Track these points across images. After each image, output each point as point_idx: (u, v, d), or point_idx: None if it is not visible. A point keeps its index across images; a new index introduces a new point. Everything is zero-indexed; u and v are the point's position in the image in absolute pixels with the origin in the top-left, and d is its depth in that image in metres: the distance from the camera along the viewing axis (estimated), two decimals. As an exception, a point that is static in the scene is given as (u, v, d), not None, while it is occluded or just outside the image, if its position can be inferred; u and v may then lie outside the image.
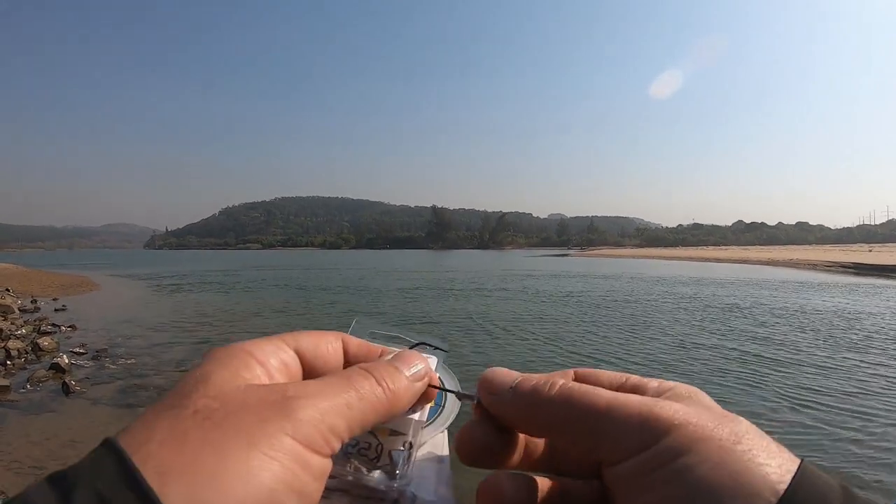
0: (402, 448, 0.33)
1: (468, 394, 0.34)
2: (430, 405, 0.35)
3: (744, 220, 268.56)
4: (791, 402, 5.78)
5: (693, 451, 0.25)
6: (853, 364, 7.50)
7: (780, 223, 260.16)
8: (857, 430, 4.94)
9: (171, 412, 0.24)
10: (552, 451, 0.35)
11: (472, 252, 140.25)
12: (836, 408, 5.57)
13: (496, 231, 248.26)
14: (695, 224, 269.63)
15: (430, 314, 13.40)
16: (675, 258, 58.68)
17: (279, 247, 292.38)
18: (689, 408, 0.27)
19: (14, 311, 12.92)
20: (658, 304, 14.98)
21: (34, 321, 12.09)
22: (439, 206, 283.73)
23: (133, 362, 8.40)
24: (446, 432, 0.37)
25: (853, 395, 6.02)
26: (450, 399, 0.37)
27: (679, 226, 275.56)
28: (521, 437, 0.34)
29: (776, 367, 7.31)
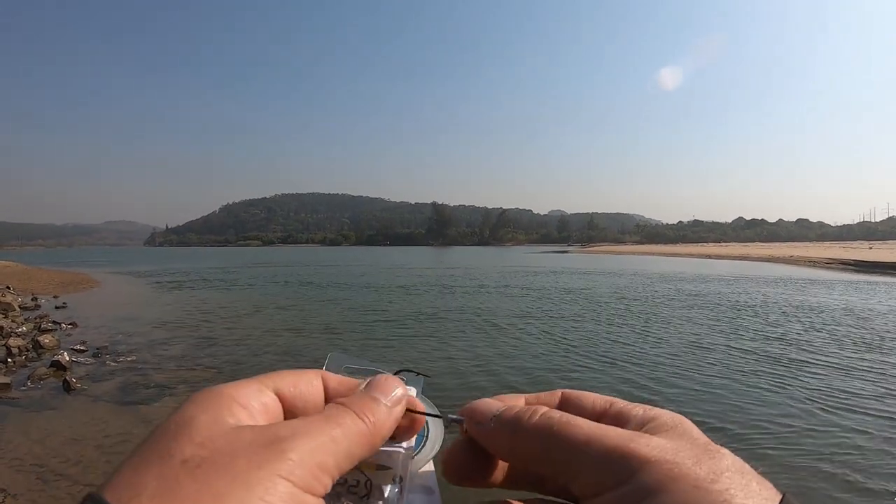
0: (392, 482, 0.33)
1: (456, 418, 0.36)
2: (415, 436, 0.36)
3: (744, 217, 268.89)
4: (822, 405, 5.61)
5: (666, 490, 0.25)
6: (877, 365, 7.32)
7: (780, 220, 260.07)
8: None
9: (157, 461, 0.23)
10: (535, 474, 0.36)
11: (472, 249, 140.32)
12: (871, 411, 5.40)
13: (497, 227, 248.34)
14: (695, 220, 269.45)
15: (435, 312, 13.39)
16: (676, 255, 58.69)
17: (279, 244, 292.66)
18: (668, 442, 0.27)
19: (15, 309, 12.92)
20: (665, 302, 14.91)
21: (35, 319, 12.11)
22: (440, 203, 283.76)
23: (134, 359, 8.40)
24: (432, 462, 0.37)
25: (882, 398, 5.84)
26: (433, 426, 0.38)
27: (679, 222, 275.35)
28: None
29: (800, 369, 7.14)
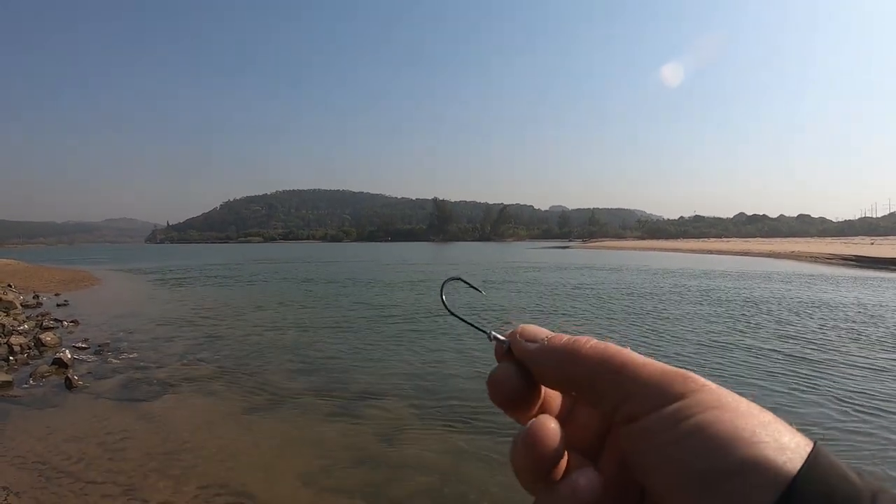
0: None
1: (501, 338, 0.35)
2: None
3: (745, 213, 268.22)
4: (855, 406, 5.52)
5: (722, 407, 0.26)
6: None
7: (781, 215, 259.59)
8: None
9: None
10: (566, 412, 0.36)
11: (473, 244, 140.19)
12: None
13: (498, 223, 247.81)
14: (696, 216, 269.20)
15: (441, 308, 13.38)
16: (678, 250, 58.65)
17: (280, 240, 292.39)
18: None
19: (16, 307, 12.92)
20: (673, 298, 14.86)
21: (36, 317, 12.11)
22: (441, 199, 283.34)
23: (135, 356, 8.40)
24: None
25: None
26: None
27: (681, 218, 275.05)
28: (542, 391, 0.35)
29: (822, 369, 7.03)
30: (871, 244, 58.38)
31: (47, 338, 9.20)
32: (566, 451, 0.31)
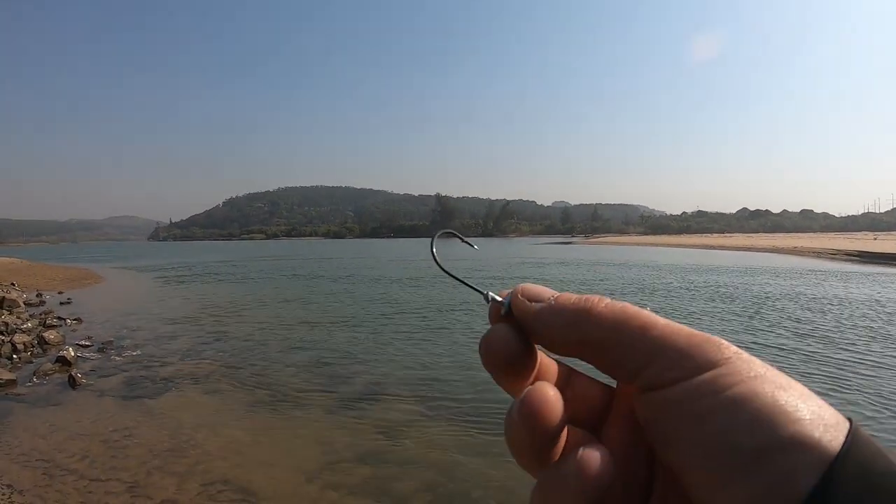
0: None
1: (498, 299, 0.31)
2: None
3: (748, 208, 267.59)
4: (891, 411, 5.36)
5: (759, 378, 0.24)
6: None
7: (784, 211, 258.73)
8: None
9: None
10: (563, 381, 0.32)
11: (476, 240, 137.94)
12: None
13: (500, 219, 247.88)
14: (699, 211, 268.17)
15: (450, 306, 13.39)
16: (681, 246, 58.48)
17: (283, 237, 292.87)
18: None
19: (19, 305, 12.95)
20: (685, 295, 14.74)
21: (40, 315, 12.13)
22: (443, 195, 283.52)
23: (139, 354, 8.42)
24: None
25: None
26: None
27: (683, 213, 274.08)
28: (539, 358, 0.31)
29: (850, 370, 6.86)
30: (875, 239, 58.19)
31: (51, 336, 9.22)
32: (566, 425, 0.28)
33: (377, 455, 4.55)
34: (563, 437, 0.28)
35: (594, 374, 0.31)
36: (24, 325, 10.39)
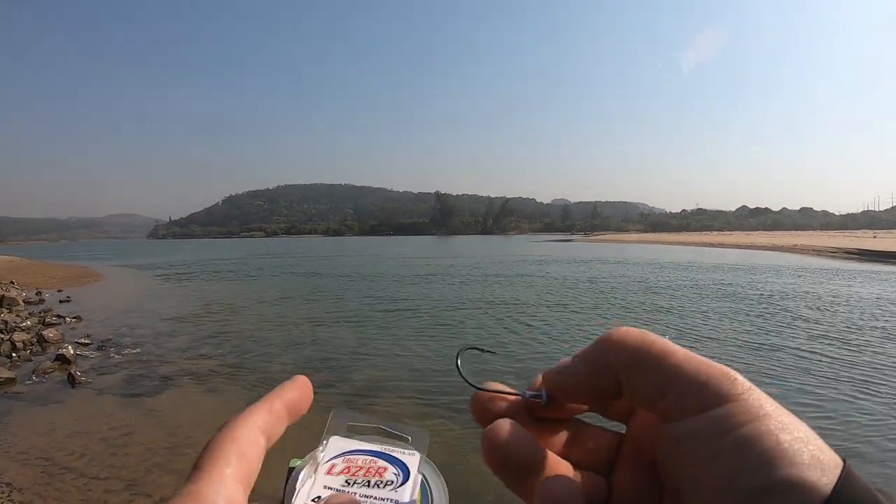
0: None
1: (535, 394, 0.31)
2: None
3: (748, 206, 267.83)
4: None
5: (767, 417, 0.25)
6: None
7: (784, 209, 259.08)
8: None
9: None
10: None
11: (476, 238, 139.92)
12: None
13: (500, 217, 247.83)
14: (699, 209, 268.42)
15: (450, 303, 13.39)
16: (681, 243, 58.44)
17: (283, 235, 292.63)
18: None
19: (19, 304, 12.94)
20: (690, 294, 14.61)
21: (39, 313, 12.13)
22: (443, 192, 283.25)
23: (139, 352, 8.41)
24: None
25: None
26: (436, 492, 0.35)
27: (683, 211, 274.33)
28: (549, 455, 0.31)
29: (873, 374, 6.63)
30: (874, 237, 58.17)
31: (50, 334, 9.21)
32: (568, 463, 0.30)
33: (377, 453, 4.54)
34: (546, 463, 0.30)
35: (601, 422, 0.32)
36: (24, 324, 10.38)
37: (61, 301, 15.14)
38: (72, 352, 7.84)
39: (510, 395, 0.32)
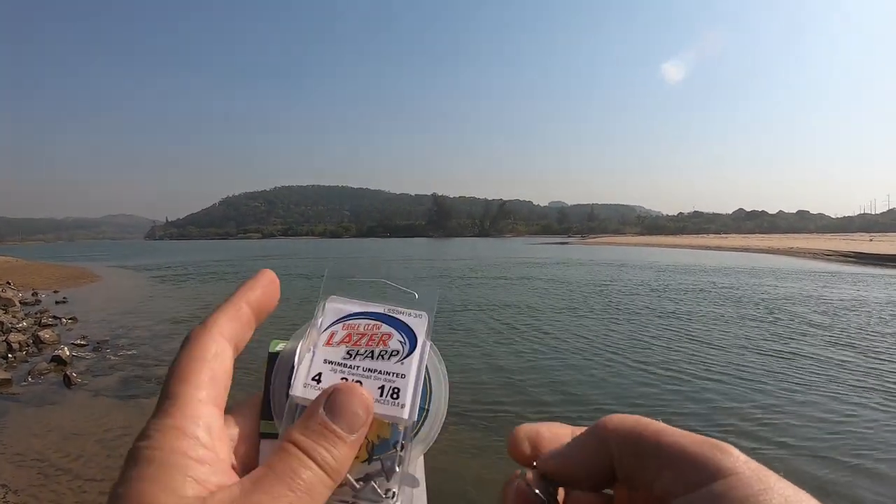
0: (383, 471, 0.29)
1: (540, 494, 0.30)
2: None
3: (744, 209, 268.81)
4: None
5: (769, 491, 0.24)
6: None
7: (780, 211, 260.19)
8: None
9: None
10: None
11: (472, 240, 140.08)
12: None
13: (497, 219, 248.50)
14: (695, 212, 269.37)
15: (459, 305, 13.39)
16: (678, 246, 58.56)
17: (280, 236, 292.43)
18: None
19: (15, 305, 12.91)
20: (693, 298, 14.51)
21: (35, 314, 12.10)
22: (440, 194, 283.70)
23: (134, 353, 8.40)
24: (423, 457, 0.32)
25: None
26: (436, 387, 0.33)
27: (680, 213, 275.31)
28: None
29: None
30: (870, 241, 58.41)
31: (46, 335, 9.19)
32: None
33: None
34: None
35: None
36: (20, 324, 10.36)
37: (57, 302, 15.09)
38: (68, 353, 7.83)
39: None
